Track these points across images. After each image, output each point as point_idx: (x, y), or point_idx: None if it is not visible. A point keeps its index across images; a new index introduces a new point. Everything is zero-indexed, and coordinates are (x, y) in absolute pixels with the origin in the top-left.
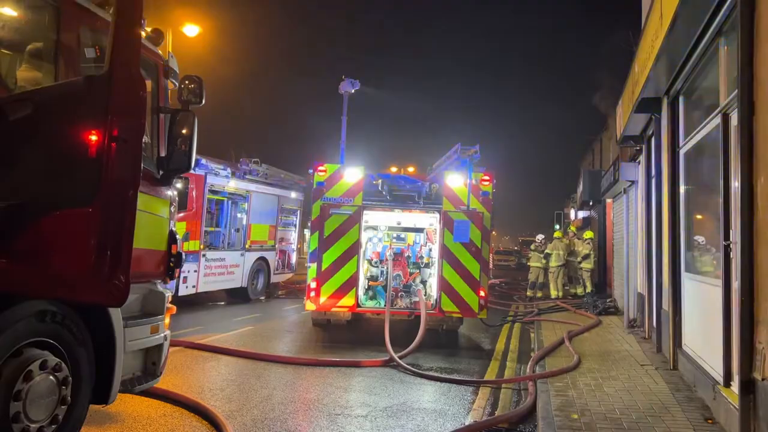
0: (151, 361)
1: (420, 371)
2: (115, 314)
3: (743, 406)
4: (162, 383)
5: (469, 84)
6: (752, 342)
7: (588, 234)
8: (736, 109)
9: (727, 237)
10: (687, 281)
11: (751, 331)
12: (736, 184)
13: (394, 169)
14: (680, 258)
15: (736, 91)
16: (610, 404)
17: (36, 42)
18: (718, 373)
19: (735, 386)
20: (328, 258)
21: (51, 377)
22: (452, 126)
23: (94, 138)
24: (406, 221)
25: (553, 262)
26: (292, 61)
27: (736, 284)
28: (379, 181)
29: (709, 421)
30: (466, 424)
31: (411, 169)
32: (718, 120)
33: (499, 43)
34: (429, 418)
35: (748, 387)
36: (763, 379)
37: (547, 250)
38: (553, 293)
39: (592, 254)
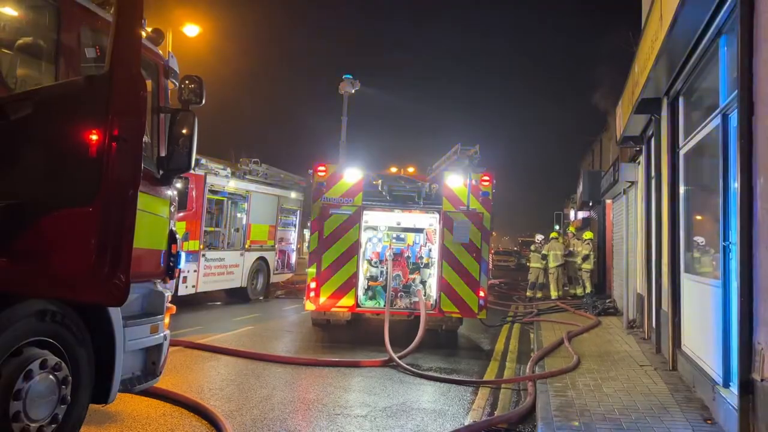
0: (151, 360)
1: (419, 371)
2: (115, 314)
3: (742, 407)
4: (162, 383)
5: (469, 84)
6: (751, 343)
7: (588, 234)
8: (736, 110)
9: (726, 237)
10: (686, 282)
11: (750, 331)
12: (735, 184)
13: (393, 170)
14: (680, 258)
15: (736, 91)
16: (610, 405)
17: (36, 41)
18: (717, 374)
19: (734, 387)
20: (328, 258)
21: (51, 376)
22: (452, 126)
23: (94, 137)
24: (405, 221)
25: (552, 263)
26: (292, 61)
27: (735, 285)
28: (379, 181)
29: (708, 422)
30: (466, 424)
31: (411, 170)
32: (717, 120)
33: (498, 43)
34: (428, 418)
35: (747, 387)
36: (762, 380)
37: (543, 251)
38: (553, 294)
39: (592, 255)
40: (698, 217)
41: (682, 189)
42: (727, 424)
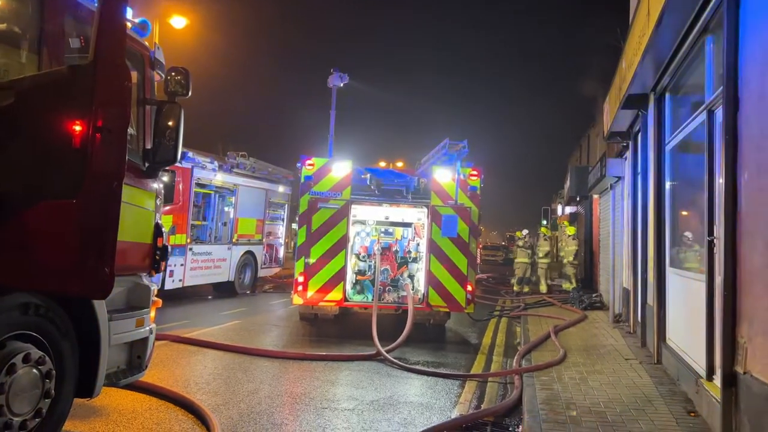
0: (137, 354)
1: (407, 365)
2: (100, 307)
3: (725, 399)
4: (148, 377)
5: (461, 79)
6: (734, 336)
7: (571, 230)
8: (721, 106)
9: (711, 233)
10: (672, 276)
11: (733, 325)
12: (720, 180)
13: (382, 164)
14: (665, 253)
15: (722, 88)
16: (595, 397)
17: (19, 30)
18: (700, 367)
19: (717, 380)
20: (316, 252)
21: (34, 370)
22: (441, 121)
23: (78, 128)
24: (394, 216)
25: (547, 258)
26: (280, 54)
27: (719, 279)
28: (368, 175)
29: (692, 414)
30: (453, 417)
31: (400, 164)
32: (703, 116)
33: (488, 39)
34: (415, 411)
35: (730, 380)
36: (744, 373)
37: (547, 247)
38: (543, 287)
39: (579, 250)
40: (684, 213)
41: (667, 184)
42: (711, 416)
